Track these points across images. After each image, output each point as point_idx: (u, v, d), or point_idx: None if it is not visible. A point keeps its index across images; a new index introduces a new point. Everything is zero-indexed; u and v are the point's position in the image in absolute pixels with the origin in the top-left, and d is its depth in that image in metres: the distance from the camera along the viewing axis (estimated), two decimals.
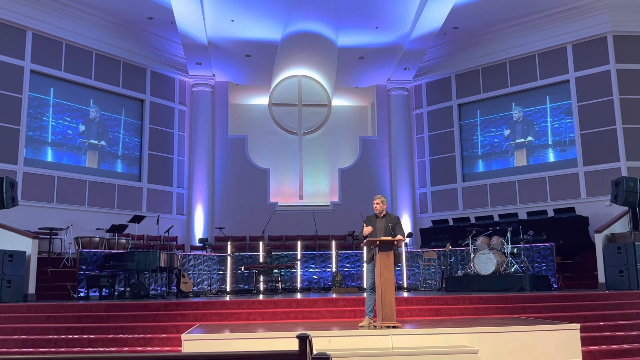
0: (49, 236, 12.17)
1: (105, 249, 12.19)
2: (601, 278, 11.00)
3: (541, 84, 15.09)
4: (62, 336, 7.55)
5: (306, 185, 17.11)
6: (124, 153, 15.29)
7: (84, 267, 11.24)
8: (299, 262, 13.46)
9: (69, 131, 14.21)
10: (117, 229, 12.79)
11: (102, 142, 14.84)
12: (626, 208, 11.41)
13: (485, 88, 16.01)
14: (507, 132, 15.67)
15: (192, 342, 6.00)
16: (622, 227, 11.80)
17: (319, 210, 16.27)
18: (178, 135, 16.39)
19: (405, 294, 10.42)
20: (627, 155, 13.51)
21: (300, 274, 13.52)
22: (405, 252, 13.70)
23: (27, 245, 10.29)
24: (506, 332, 6.27)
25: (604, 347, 7.38)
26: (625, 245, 10.47)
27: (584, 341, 6.99)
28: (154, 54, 15.81)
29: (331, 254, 13.69)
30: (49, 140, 13.83)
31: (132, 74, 15.48)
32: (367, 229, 6.83)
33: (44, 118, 13.78)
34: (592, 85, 14.20)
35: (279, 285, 12.70)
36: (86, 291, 10.90)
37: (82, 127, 14.40)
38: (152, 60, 15.80)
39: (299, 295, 10.80)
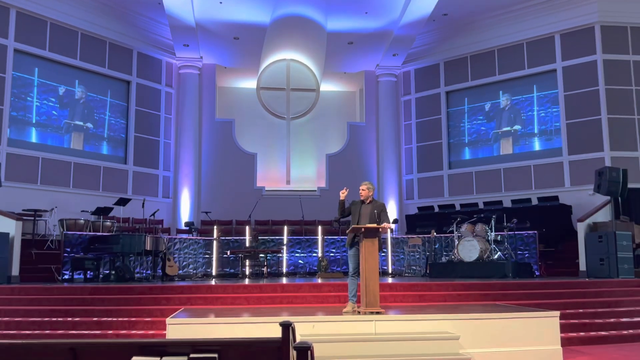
0: (33, 218, 12.08)
1: (90, 231, 12.13)
2: (582, 266, 11.19)
3: (529, 72, 15.16)
4: (46, 318, 7.54)
5: (293, 170, 17.09)
6: (109, 135, 15.15)
7: (68, 250, 11.19)
8: (285, 247, 13.51)
9: (53, 112, 14.04)
10: (102, 212, 12.74)
11: (88, 124, 14.69)
12: (608, 198, 11.57)
13: (474, 76, 16.05)
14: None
15: (177, 326, 6.01)
16: (604, 216, 11.98)
17: (306, 196, 16.29)
18: (165, 117, 16.27)
19: (390, 280, 10.52)
20: (611, 146, 13.66)
21: (286, 259, 13.57)
22: (391, 237, 13.80)
23: (10, 227, 10.20)
24: (487, 319, 6.36)
25: (582, 334, 7.55)
26: (606, 234, 10.65)
27: (564, 328, 7.13)
28: (141, 35, 15.61)
29: (317, 239, 13.75)
30: (33, 121, 13.66)
31: (118, 54, 15.28)
32: (343, 193, 6.80)
33: (28, 98, 13.59)
34: (578, 75, 14.29)
35: (264, 269, 12.75)
36: (70, 274, 10.87)
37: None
38: (139, 41, 15.60)
39: (284, 280, 10.86)
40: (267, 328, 5.82)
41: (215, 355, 2.90)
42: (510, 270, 10.64)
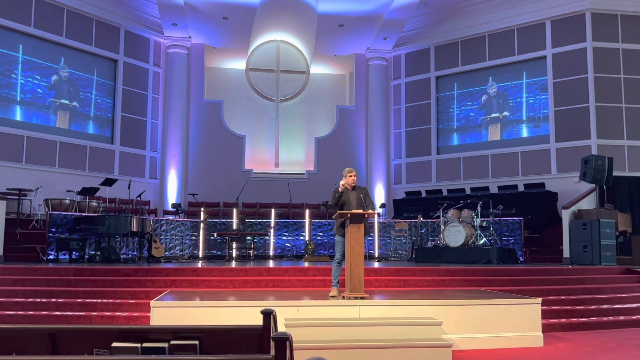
0: (17, 197, 11.96)
1: (75, 211, 12.05)
2: (566, 253, 11.32)
3: (518, 59, 15.14)
4: (30, 299, 7.50)
5: (282, 153, 17.04)
6: (96, 114, 14.97)
7: (53, 230, 11.11)
8: (272, 230, 13.51)
9: (39, 90, 13.82)
10: (88, 192, 12.64)
11: (74, 103, 14.49)
12: (593, 185, 11.67)
13: (464, 61, 16.01)
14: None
15: (161, 309, 6.02)
16: (588, 203, 12.10)
17: (294, 179, 16.27)
18: (152, 97, 16.09)
19: (376, 264, 10.58)
20: (598, 134, 13.74)
21: (273, 242, 13.58)
22: (378, 222, 13.85)
23: None
24: (470, 305, 6.43)
25: (563, 320, 7.65)
26: (590, 222, 10.76)
27: (545, 314, 7.22)
28: (129, 13, 15.35)
29: (305, 222, 13.77)
30: (18, 99, 13.45)
31: (105, 32, 15.04)
32: (342, 185, 6.80)
33: (13, 75, 13.36)
34: (568, 62, 14.31)
35: (251, 252, 12.76)
36: (56, 254, 10.81)
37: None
38: (127, 19, 15.35)
39: (271, 263, 10.88)
40: (251, 312, 5.83)
41: (196, 342, 2.90)
42: (495, 256, 10.74)
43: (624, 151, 13.64)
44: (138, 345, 2.90)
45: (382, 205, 15.38)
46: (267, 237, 13.43)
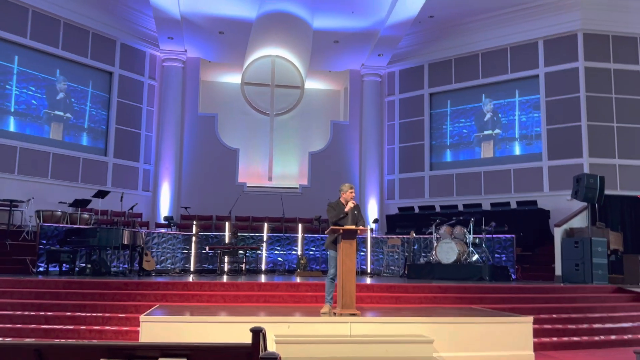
0: (8, 208, 11.88)
1: (67, 223, 11.97)
2: (558, 271, 11.33)
3: (511, 77, 15.29)
4: (18, 312, 7.41)
5: (276, 167, 17.04)
6: (90, 126, 14.95)
7: (44, 242, 11.03)
8: (264, 244, 13.47)
9: (33, 101, 13.80)
10: (80, 204, 12.58)
11: (68, 114, 14.47)
12: (585, 204, 11.72)
13: (457, 78, 16.14)
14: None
15: (151, 323, 5.96)
16: (580, 222, 12.14)
17: (288, 193, 16.26)
18: (147, 110, 16.10)
19: (368, 280, 10.54)
20: (590, 152, 13.84)
21: (266, 256, 13.53)
22: (371, 237, 13.84)
23: None
24: (462, 323, 6.40)
25: (555, 339, 7.63)
26: (582, 240, 10.78)
27: (537, 333, 7.20)
28: (125, 26, 15.41)
29: (297, 237, 13.74)
30: (12, 110, 13.41)
31: (101, 45, 15.07)
32: (349, 207, 6.73)
33: (7, 86, 13.34)
34: (560, 81, 14.45)
35: (243, 266, 12.70)
36: (46, 266, 10.71)
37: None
38: (123, 32, 15.41)
39: (262, 278, 10.83)
40: (241, 329, 5.79)
41: (184, 359, 2.87)
42: (487, 273, 10.74)
43: (616, 170, 13.74)
44: None
45: (375, 221, 15.37)
46: (259, 252, 13.38)
